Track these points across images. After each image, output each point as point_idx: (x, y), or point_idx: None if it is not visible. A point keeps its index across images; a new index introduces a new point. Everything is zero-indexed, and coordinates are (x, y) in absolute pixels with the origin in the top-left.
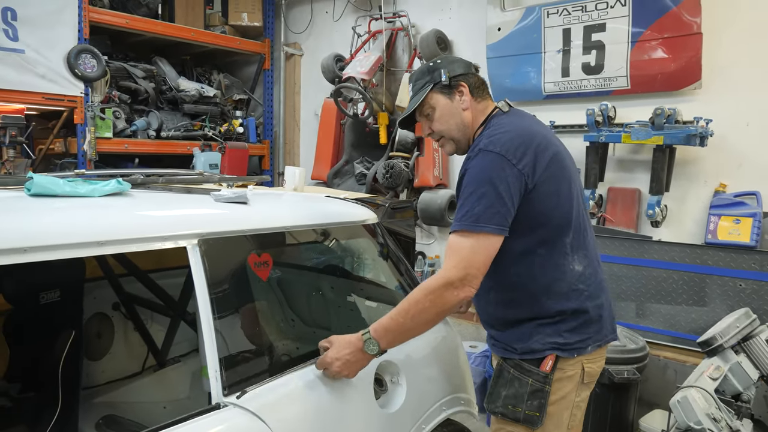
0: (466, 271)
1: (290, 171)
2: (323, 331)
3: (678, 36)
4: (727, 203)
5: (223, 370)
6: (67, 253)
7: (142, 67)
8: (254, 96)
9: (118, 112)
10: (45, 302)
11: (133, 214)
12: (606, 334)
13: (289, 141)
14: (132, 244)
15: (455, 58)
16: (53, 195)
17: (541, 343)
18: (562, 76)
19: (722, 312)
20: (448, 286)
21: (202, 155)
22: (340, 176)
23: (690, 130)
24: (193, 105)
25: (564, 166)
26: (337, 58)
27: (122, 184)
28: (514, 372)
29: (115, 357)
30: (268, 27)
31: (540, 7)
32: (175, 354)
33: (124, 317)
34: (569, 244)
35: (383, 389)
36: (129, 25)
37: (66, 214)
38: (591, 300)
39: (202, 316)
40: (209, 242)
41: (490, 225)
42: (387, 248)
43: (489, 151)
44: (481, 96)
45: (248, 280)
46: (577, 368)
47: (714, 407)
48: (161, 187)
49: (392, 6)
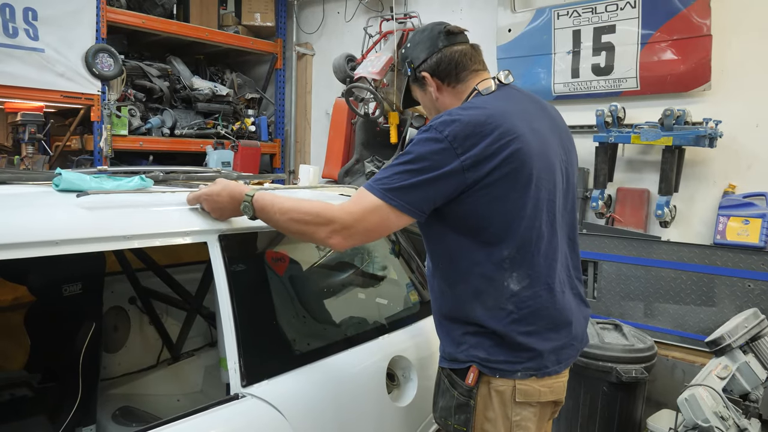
0: (355, 225)
1: (304, 169)
2: (334, 328)
3: (687, 38)
4: (735, 204)
5: (242, 362)
6: (96, 246)
7: (157, 66)
8: (266, 95)
9: (133, 110)
10: (67, 294)
11: (156, 210)
12: (546, 365)
13: (300, 140)
14: (156, 238)
15: (420, 38)
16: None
17: (465, 354)
18: (572, 77)
19: (730, 312)
20: (327, 223)
21: (215, 153)
22: (350, 175)
23: (699, 131)
24: (206, 104)
25: (525, 166)
26: (349, 58)
27: (145, 180)
28: (446, 382)
29: (131, 350)
30: (281, 27)
31: (550, 9)
32: (189, 348)
33: (141, 311)
34: (508, 258)
35: (395, 384)
36: (145, 25)
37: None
38: (518, 325)
39: (222, 309)
40: (229, 238)
41: (399, 201)
42: (399, 245)
43: (438, 131)
44: (455, 79)
45: (266, 275)
46: (508, 385)
47: (722, 405)
48: (182, 184)
49: (403, 7)
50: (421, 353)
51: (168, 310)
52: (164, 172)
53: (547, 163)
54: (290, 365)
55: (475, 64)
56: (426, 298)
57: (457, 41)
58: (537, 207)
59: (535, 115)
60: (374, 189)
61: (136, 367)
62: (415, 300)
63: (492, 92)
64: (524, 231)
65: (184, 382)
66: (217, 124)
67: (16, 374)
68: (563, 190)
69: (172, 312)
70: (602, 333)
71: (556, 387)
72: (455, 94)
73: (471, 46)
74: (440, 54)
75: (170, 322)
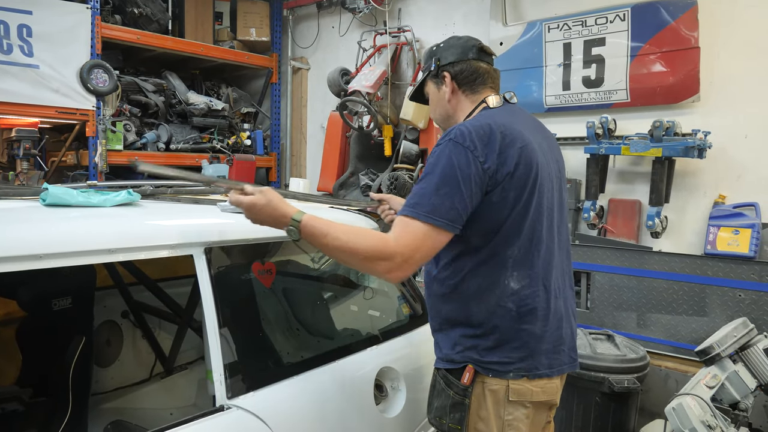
0: (413, 256)
1: (295, 182)
2: (322, 339)
3: (676, 50)
4: (726, 214)
5: (228, 374)
6: (79, 260)
7: (153, 82)
8: (262, 109)
9: (128, 125)
10: (57, 309)
11: (142, 223)
12: (537, 366)
13: (295, 153)
14: (140, 251)
15: (454, 43)
16: (67, 205)
17: (461, 355)
18: (563, 89)
19: (722, 322)
20: (388, 258)
21: (210, 167)
22: (345, 188)
23: (688, 142)
24: (201, 118)
25: (533, 172)
26: (343, 71)
27: (132, 194)
28: (442, 383)
29: (124, 364)
30: (276, 41)
31: (541, 22)
32: (182, 361)
33: (133, 325)
34: (511, 257)
35: (383, 395)
36: (140, 41)
37: (78, 223)
38: (516, 322)
39: (208, 321)
40: (215, 250)
41: (443, 220)
42: None
43: (457, 143)
44: (470, 88)
45: (252, 287)
46: (501, 384)
47: (709, 414)
48: (170, 198)
49: (397, 21)
50: (410, 364)
51: (161, 323)
52: (154, 186)
53: (548, 174)
54: (277, 377)
55: (492, 83)
56: (417, 311)
57: (484, 59)
58: (539, 212)
59: (536, 131)
60: (418, 214)
61: (129, 381)
62: (407, 313)
63: (498, 107)
64: (527, 232)
65: (177, 396)
66: (213, 139)
67: (8, 389)
68: (558, 203)
69: (165, 325)
70: (595, 343)
71: (549, 388)
72: (466, 101)
73: (494, 69)
74: (467, 63)
75: (163, 336)
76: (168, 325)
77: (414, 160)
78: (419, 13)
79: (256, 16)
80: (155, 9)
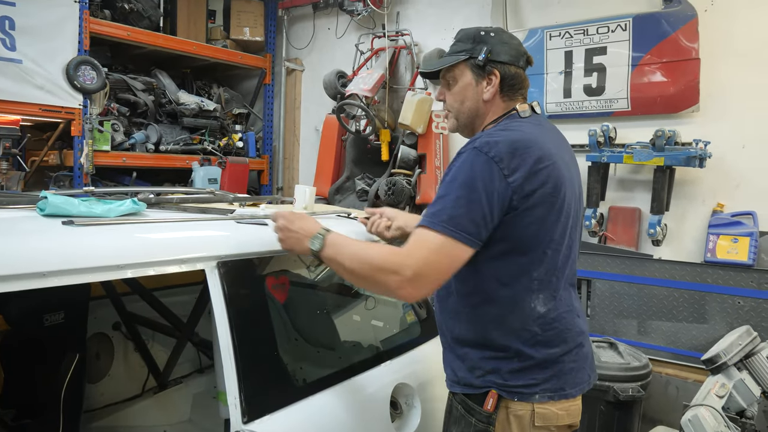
0: (425, 270)
1: (300, 189)
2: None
3: (677, 61)
4: (725, 223)
5: (243, 397)
6: (87, 277)
7: (142, 80)
8: (254, 110)
9: (116, 124)
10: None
11: (150, 236)
12: (563, 387)
13: (288, 156)
14: (151, 267)
15: (510, 40)
16: (68, 215)
17: (482, 379)
18: (564, 96)
19: (722, 329)
20: (397, 271)
21: (201, 169)
22: (341, 192)
23: (690, 151)
24: (192, 119)
25: (561, 191)
26: (340, 74)
27: (138, 204)
28: (461, 409)
29: (115, 379)
30: (270, 42)
31: (543, 30)
32: (176, 375)
33: (125, 337)
34: (536, 279)
35: (398, 412)
36: (130, 38)
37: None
38: (542, 346)
39: (221, 340)
40: (228, 264)
41: (461, 232)
42: None
43: (483, 152)
44: (510, 96)
45: (267, 303)
46: (527, 408)
47: (723, 425)
48: (175, 207)
49: (395, 24)
50: (422, 378)
51: (154, 335)
52: (155, 194)
53: (573, 191)
54: (293, 397)
55: (525, 93)
56: (422, 316)
57: (526, 71)
58: (564, 232)
59: (561, 145)
60: (433, 224)
61: (121, 397)
62: (411, 320)
63: (527, 117)
64: (553, 254)
65: (171, 412)
66: (204, 140)
67: None
68: (576, 221)
69: (159, 338)
70: (598, 351)
71: (573, 410)
72: (500, 106)
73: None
74: (518, 70)
75: (157, 349)
76: (162, 336)
77: (412, 166)
78: (418, 16)
79: (250, 15)
80: (146, 5)
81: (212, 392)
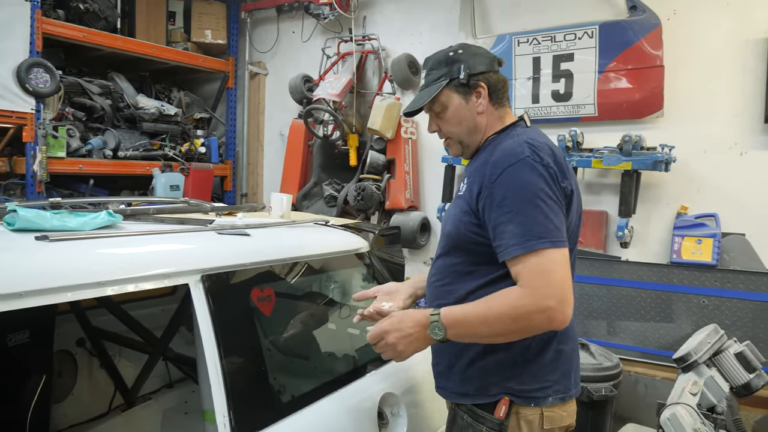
0: (559, 291)
1: (277, 198)
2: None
3: (642, 68)
4: (689, 225)
5: (232, 415)
6: (66, 296)
7: (98, 83)
8: (216, 115)
9: (72, 130)
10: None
11: (131, 251)
12: (569, 387)
13: (252, 161)
14: (133, 283)
15: (478, 50)
16: (40, 230)
17: (499, 386)
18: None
19: (688, 327)
20: (542, 312)
21: (162, 176)
22: (309, 198)
23: (657, 156)
24: (152, 123)
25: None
26: (306, 78)
27: (113, 216)
28: (467, 418)
29: (79, 398)
30: (233, 45)
31: (511, 36)
32: (144, 391)
33: (90, 354)
34: None
35: (384, 422)
36: (87, 39)
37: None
38: (557, 343)
39: (208, 357)
40: (212, 278)
41: (563, 239)
42: (382, 276)
43: (537, 162)
44: (499, 101)
45: (253, 317)
46: (536, 413)
47: (699, 422)
48: (152, 219)
49: (362, 29)
50: (405, 385)
51: (121, 351)
52: (126, 204)
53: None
54: (282, 413)
55: (507, 95)
56: None
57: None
58: (577, 230)
59: None
60: (543, 243)
61: (85, 417)
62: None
63: (529, 127)
64: (573, 254)
65: (140, 430)
66: (165, 146)
67: None
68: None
69: (126, 353)
70: None
71: (571, 410)
72: (496, 115)
73: None
74: (497, 75)
75: (124, 364)
76: (128, 351)
77: (381, 171)
78: (385, 21)
79: (212, 17)
80: (103, 5)
81: (183, 407)
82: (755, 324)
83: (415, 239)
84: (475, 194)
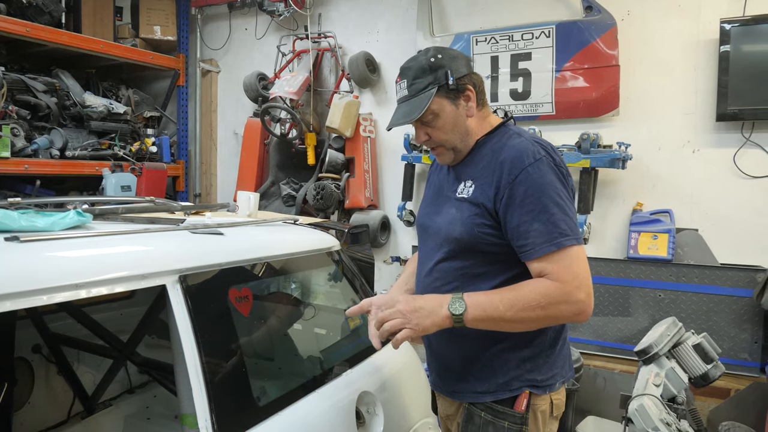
0: (587, 285)
1: (244, 196)
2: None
3: (598, 67)
4: (644, 221)
5: (215, 419)
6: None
7: (43, 80)
8: (167, 113)
9: (16, 129)
10: None
11: (105, 251)
12: (568, 370)
13: (205, 161)
14: (109, 284)
15: (454, 53)
16: (7, 231)
17: (521, 380)
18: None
19: (644, 321)
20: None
21: (113, 176)
22: (266, 198)
23: (614, 154)
24: (100, 122)
25: None
26: (261, 76)
27: (83, 215)
28: (486, 416)
29: (36, 406)
30: (183, 41)
31: (469, 35)
32: (105, 398)
33: (47, 360)
34: None
35: (361, 422)
36: (30, 34)
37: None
38: (564, 332)
39: (188, 360)
40: (190, 278)
41: (581, 236)
42: (353, 274)
43: (551, 163)
44: (482, 101)
45: (233, 317)
46: (547, 401)
47: (665, 412)
48: (121, 218)
49: (318, 26)
50: (380, 382)
51: (80, 356)
52: (89, 204)
53: None
54: (262, 415)
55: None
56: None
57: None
58: None
59: None
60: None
61: (43, 426)
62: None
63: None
64: None
65: None
66: (114, 145)
67: None
68: None
69: (85, 358)
70: None
71: (564, 397)
72: (482, 115)
73: None
74: (477, 75)
75: (83, 370)
76: (88, 356)
77: (340, 169)
78: (341, 18)
79: (161, 13)
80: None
81: (144, 413)
82: (708, 317)
83: (376, 238)
84: (492, 195)
